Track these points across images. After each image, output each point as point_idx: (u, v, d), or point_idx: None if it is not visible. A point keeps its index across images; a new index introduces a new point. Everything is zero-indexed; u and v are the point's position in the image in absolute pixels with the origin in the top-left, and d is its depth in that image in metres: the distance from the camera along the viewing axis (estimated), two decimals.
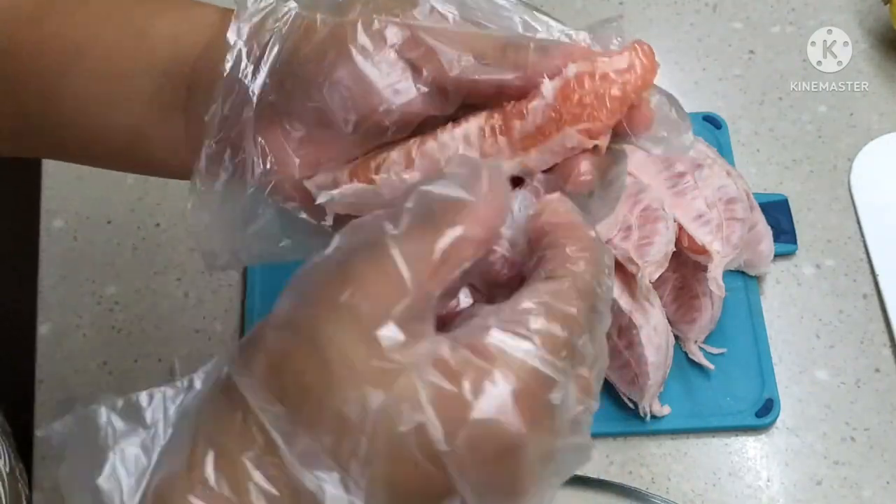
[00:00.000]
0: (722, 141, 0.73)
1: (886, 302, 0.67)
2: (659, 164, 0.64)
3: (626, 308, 0.60)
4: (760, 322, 0.66)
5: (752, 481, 0.62)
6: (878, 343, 0.66)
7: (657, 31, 0.80)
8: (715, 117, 0.74)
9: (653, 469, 0.62)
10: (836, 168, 0.73)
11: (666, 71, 0.78)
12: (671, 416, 0.63)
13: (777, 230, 0.67)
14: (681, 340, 0.65)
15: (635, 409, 0.63)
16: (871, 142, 0.73)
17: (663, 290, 0.64)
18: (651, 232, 0.60)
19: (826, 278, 0.69)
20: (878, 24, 0.79)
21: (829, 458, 0.63)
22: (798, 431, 0.64)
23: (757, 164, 0.73)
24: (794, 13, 0.80)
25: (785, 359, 0.66)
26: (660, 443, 0.63)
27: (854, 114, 0.75)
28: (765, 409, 0.63)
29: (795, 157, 0.73)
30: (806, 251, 0.70)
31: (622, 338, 0.61)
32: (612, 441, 0.63)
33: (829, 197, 0.72)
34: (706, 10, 0.81)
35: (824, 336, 0.67)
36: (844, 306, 0.68)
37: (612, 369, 0.63)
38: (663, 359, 0.61)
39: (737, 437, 0.63)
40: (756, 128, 0.75)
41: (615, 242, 0.60)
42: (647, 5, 0.81)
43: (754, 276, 0.68)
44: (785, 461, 0.63)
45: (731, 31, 0.80)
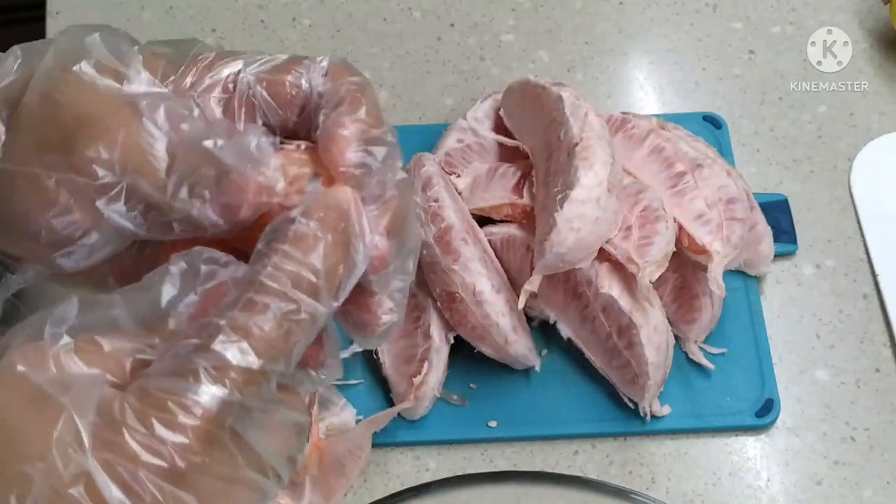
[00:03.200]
0: (722, 141, 0.73)
1: (886, 302, 0.67)
2: (659, 164, 0.64)
3: (626, 308, 0.60)
4: (760, 322, 0.66)
5: (752, 481, 0.62)
6: (878, 343, 0.66)
7: (657, 31, 0.80)
8: (715, 117, 0.74)
9: (653, 469, 0.62)
10: (836, 168, 0.73)
11: (666, 71, 0.78)
12: (671, 416, 0.63)
13: (777, 230, 0.67)
14: (681, 340, 0.65)
15: (635, 409, 0.63)
16: (871, 142, 0.73)
17: (663, 290, 0.64)
18: (651, 232, 0.60)
19: (826, 278, 0.69)
20: (878, 24, 0.79)
21: (829, 458, 0.63)
22: (798, 431, 0.64)
23: (757, 164, 0.73)
24: (794, 13, 0.80)
25: (785, 359, 0.66)
26: (660, 443, 0.63)
27: (854, 114, 0.75)
28: (765, 409, 0.63)
29: (795, 157, 0.73)
30: (806, 251, 0.70)
31: (622, 338, 0.61)
32: (612, 441, 0.63)
33: (829, 197, 0.72)
34: (706, 10, 0.81)
35: (824, 336, 0.67)
36: (844, 306, 0.68)
37: (612, 369, 0.63)
38: (663, 359, 0.61)
39: (737, 437, 0.63)
40: (756, 128, 0.75)
41: (615, 242, 0.60)
42: (647, 5, 0.81)
43: (754, 276, 0.68)
44: (785, 461, 0.63)
45: (731, 31, 0.80)
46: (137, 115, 0.36)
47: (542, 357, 0.65)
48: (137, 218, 0.36)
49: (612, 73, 0.78)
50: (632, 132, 0.66)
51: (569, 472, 0.62)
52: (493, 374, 0.65)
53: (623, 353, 0.61)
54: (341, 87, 0.37)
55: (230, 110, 0.38)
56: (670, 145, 0.65)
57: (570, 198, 0.58)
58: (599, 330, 0.62)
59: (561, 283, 0.62)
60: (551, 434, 0.64)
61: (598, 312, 0.61)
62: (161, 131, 0.36)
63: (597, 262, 0.60)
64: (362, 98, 0.37)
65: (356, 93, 0.37)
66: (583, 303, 0.62)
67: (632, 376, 0.62)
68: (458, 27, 0.81)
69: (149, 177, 0.35)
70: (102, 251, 0.37)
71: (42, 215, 0.36)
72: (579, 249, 0.58)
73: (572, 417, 0.64)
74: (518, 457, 0.63)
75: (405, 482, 0.62)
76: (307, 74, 0.38)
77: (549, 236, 0.58)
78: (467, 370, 0.65)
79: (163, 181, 0.35)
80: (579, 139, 0.60)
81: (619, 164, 0.61)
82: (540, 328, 0.66)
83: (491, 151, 0.70)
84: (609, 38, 0.80)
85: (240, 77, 0.38)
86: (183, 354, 0.30)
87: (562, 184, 0.59)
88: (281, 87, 0.38)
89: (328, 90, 0.37)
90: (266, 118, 0.38)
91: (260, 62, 0.38)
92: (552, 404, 0.64)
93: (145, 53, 0.38)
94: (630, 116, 0.67)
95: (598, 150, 0.59)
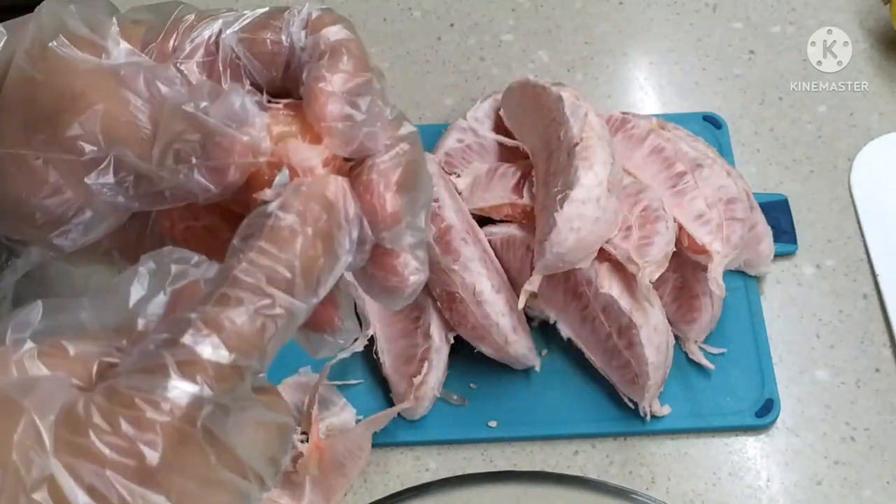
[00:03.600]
0: (722, 141, 0.73)
1: (886, 302, 0.67)
2: (659, 164, 0.64)
3: (626, 308, 0.60)
4: (760, 322, 0.66)
5: (752, 481, 0.62)
6: (878, 343, 0.66)
7: (657, 31, 0.80)
8: (715, 117, 0.74)
9: (653, 469, 0.62)
10: (836, 168, 0.73)
11: (666, 71, 0.78)
12: (671, 416, 0.63)
13: (777, 230, 0.67)
14: (681, 340, 0.65)
15: (635, 409, 0.63)
16: (871, 142, 0.73)
17: (663, 290, 0.64)
18: (651, 232, 0.60)
19: (826, 278, 0.69)
20: (878, 24, 0.79)
21: (829, 458, 0.63)
22: (798, 431, 0.64)
23: (757, 164, 0.73)
24: (794, 13, 0.80)
25: (785, 359, 0.66)
26: (660, 443, 0.63)
27: (854, 114, 0.75)
28: (765, 409, 0.63)
29: (795, 157, 0.73)
30: (806, 251, 0.70)
31: (622, 338, 0.61)
32: (612, 441, 0.63)
33: (829, 197, 0.72)
34: (706, 10, 0.81)
35: (824, 336, 0.67)
36: (844, 306, 0.68)
37: (612, 369, 0.63)
38: (663, 359, 0.61)
39: (737, 437, 0.63)
40: (756, 128, 0.75)
41: (615, 242, 0.60)
42: (647, 5, 0.81)
43: (754, 276, 0.68)
44: (785, 461, 0.63)
45: (731, 31, 0.80)
46: (118, 87, 0.35)
47: (542, 357, 0.65)
48: (129, 190, 0.36)
49: (612, 73, 0.78)
50: (632, 132, 0.66)
51: (569, 472, 0.62)
52: (493, 374, 0.65)
53: (623, 353, 0.61)
54: (322, 38, 0.36)
55: (215, 73, 0.37)
56: (670, 145, 0.65)
57: (570, 198, 0.58)
58: (599, 330, 0.62)
59: (561, 283, 0.62)
60: (551, 434, 0.64)
61: (598, 312, 0.61)
62: (142, 99, 0.35)
63: (597, 262, 0.60)
64: (343, 48, 0.36)
65: (338, 43, 0.36)
66: (583, 303, 0.62)
67: (632, 376, 0.62)
68: (458, 27, 0.81)
69: (134, 147, 0.35)
70: (99, 228, 0.37)
71: (34, 197, 0.36)
72: (579, 249, 0.58)
73: (572, 417, 0.64)
74: (518, 457, 0.63)
75: (405, 482, 0.62)
76: (287, 29, 0.37)
77: (549, 236, 0.58)
78: (467, 370, 0.65)
79: (148, 150, 0.35)
80: (579, 139, 0.60)
81: (619, 164, 0.61)
82: (540, 328, 0.66)
83: (491, 151, 0.70)
84: (609, 38, 0.80)
85: (221, 38, 0.37)
86: (151, 350, 0.29)
87: (562, 184, 0.59)
88: (262, 46, 0.37)
89: (309, 43, 0.36)
90: (252, 78, 0.37)
91: (240, 20, 0.37)
92: (552, 404, 0.64)
93: (123, 22, 0.37)
94: (630, 116, 0.67)
95: (598, 150, 0.59)
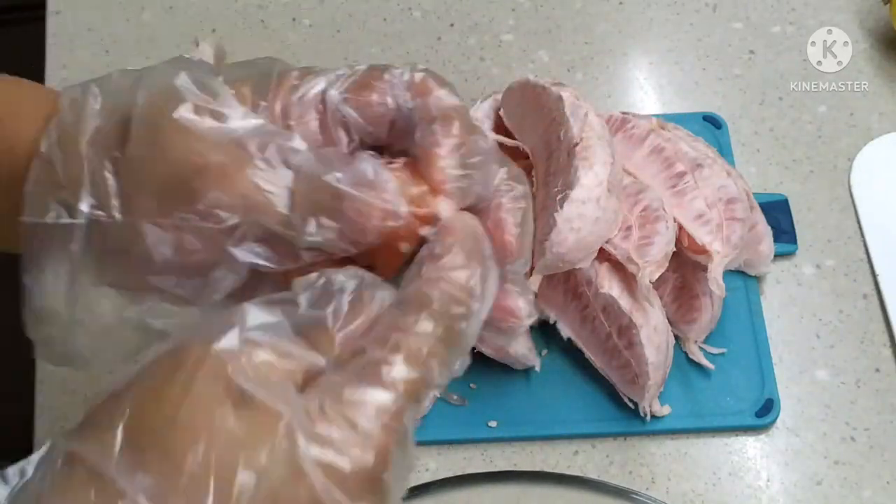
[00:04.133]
0: (722, 141, 0.73)
1: (886, 302, 0.67)
2: (659, 164, 0.64)
3: (626, 308, 0.60)
4: (760, 322, 0.66)
5: (752, 481, 0.62)
6: (878, 343, 0.66)
7: (657, 31, 0.80)
8: (715, 117, 0.74)
9: (653, 469, 0.62)
10: (836, 168, 0.73)
11: (666, 71, 0.78)
12: (671, 416, 0.63)
13: (777, 230, 0.67)
14: (681, 340, 0.65)
15: (635, 409, 0.63)
16: (871, 142, 0.73)
17: (663, 290, 0.64)
18: (651, 232, 0.60)
19: (826, 278, 0.69)
20: (878, 24, 0.79)
21: (829, 458, 0.63)
22: (798, 431, 0.64)
23: (757, 164, 0.73)
24: (794, 13, 0.80)
25: (785, 359, 0.66)
26: (660, 443, 0.63)
27: (854, 114, 0.75)
28: (765, 409, 0.63)
29: (795, 157, 0.73)
30: (806, 251, 0.70)
31: (622, 338, 0.61)
32: (612, 441, 0.63)
33: (829, 197, 0.72)
34: (706, 10, 0.81)
35: (824, 336, 0.67)
36: (844, 306, 0.68)
37: (612, 369, 0.63)
38: (663, 359, 0.61)
39: (737, 437, 0.63)
40: (756, 128, 0.75)
41: (615, 242, 0.60)
42: (648, 5, 0.81)
43: (754, 276, 0.68)
44: (785, 461, 0.63)
45: (731, 31, 0.80)
46: (248, 156, 0.38)
47: (542, 357, 0.65)
48: (265, 252, 0.39)
49: (612, 73, 0.78)
50: (632, 132, 0.66)
51: (569, 472, 0.62)
52: (493, 374, 0.65)
53: (623, 353, 0.61)
54: (432, 104, 0.39)
55: (326, 131, 0.40)
56: (670, 145, 0.65)
57: (570, 198, 0.58)
58: (599, 330, 0.62)
59: (561, 283, 0.62)
60: (551, 434, 0.64)
61: (598, 312, 0.61)
62: (274, 168, 0.38)
63: (597, 262, 0.60)
64: (453, 112, 0.39)
65: (450, 109, 0.39)
66: (583, 303, 0.62)
67: (632, 376, 0.62)
68: (458, 27, 0.81)
69: (272, 215, 0.37)
70: (227, 280, 0.40)
71: (172, 259, 0.38)
72: (579, 249, 0.58)
73: (572, 417, 0.64)
74: (518, 457, 0.63)
75: None
76: (391, 91, 0.40)
77: (549, 236, 0.58)
78: (467, 370, 0.65)
79: (285, 216, 0.37)
80: (579, 139, 0.60)
81: (619, 164, 0.61)
82: (540, 328, 0.66)
83: None
84: (609, 38, 0.80)
85: (326, 97, 0.40)
86: (366, 365, 0.34)
87: (562, 184, 0.59)
88: (368, 107, 0.40)
89: (418, 107, 0.39)
90: (359, 134, 0.40)
91: (342, 79, 0.40)
92: (552, 404, 0.64)
93: (232, 84, 0.40)
94: (630, 116, 0.67)
95: (598, 150, 0.59)
